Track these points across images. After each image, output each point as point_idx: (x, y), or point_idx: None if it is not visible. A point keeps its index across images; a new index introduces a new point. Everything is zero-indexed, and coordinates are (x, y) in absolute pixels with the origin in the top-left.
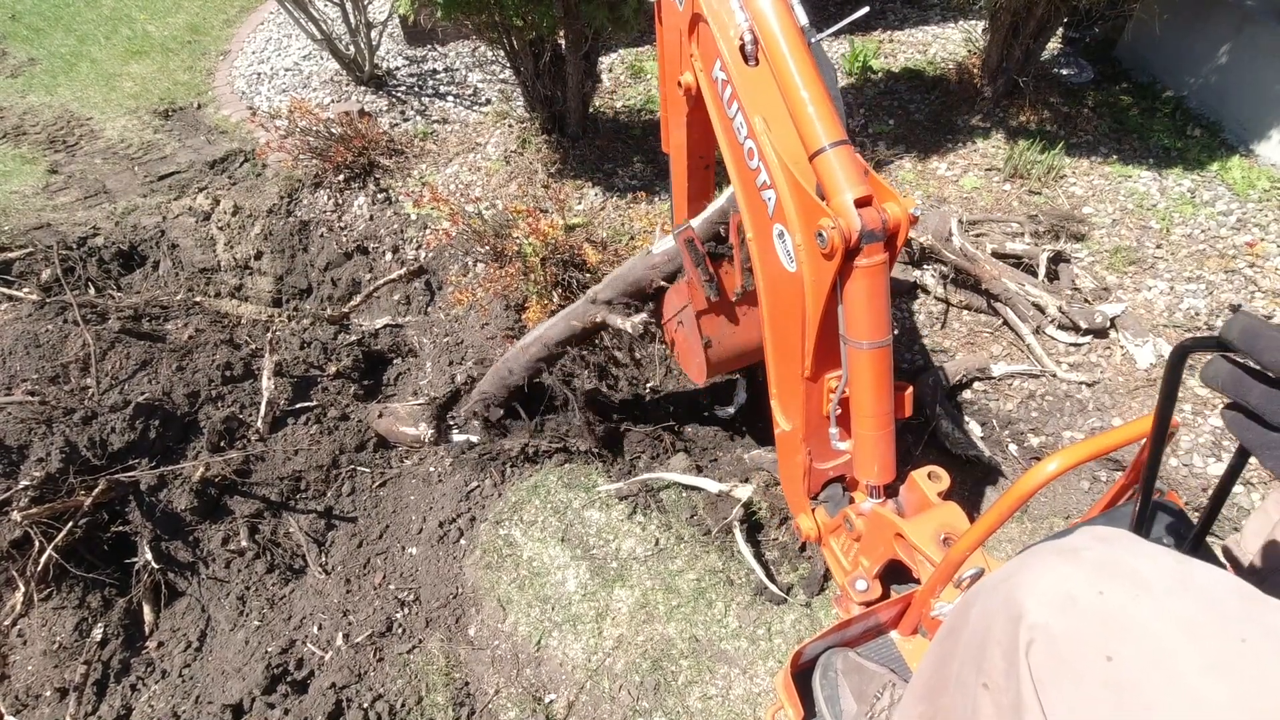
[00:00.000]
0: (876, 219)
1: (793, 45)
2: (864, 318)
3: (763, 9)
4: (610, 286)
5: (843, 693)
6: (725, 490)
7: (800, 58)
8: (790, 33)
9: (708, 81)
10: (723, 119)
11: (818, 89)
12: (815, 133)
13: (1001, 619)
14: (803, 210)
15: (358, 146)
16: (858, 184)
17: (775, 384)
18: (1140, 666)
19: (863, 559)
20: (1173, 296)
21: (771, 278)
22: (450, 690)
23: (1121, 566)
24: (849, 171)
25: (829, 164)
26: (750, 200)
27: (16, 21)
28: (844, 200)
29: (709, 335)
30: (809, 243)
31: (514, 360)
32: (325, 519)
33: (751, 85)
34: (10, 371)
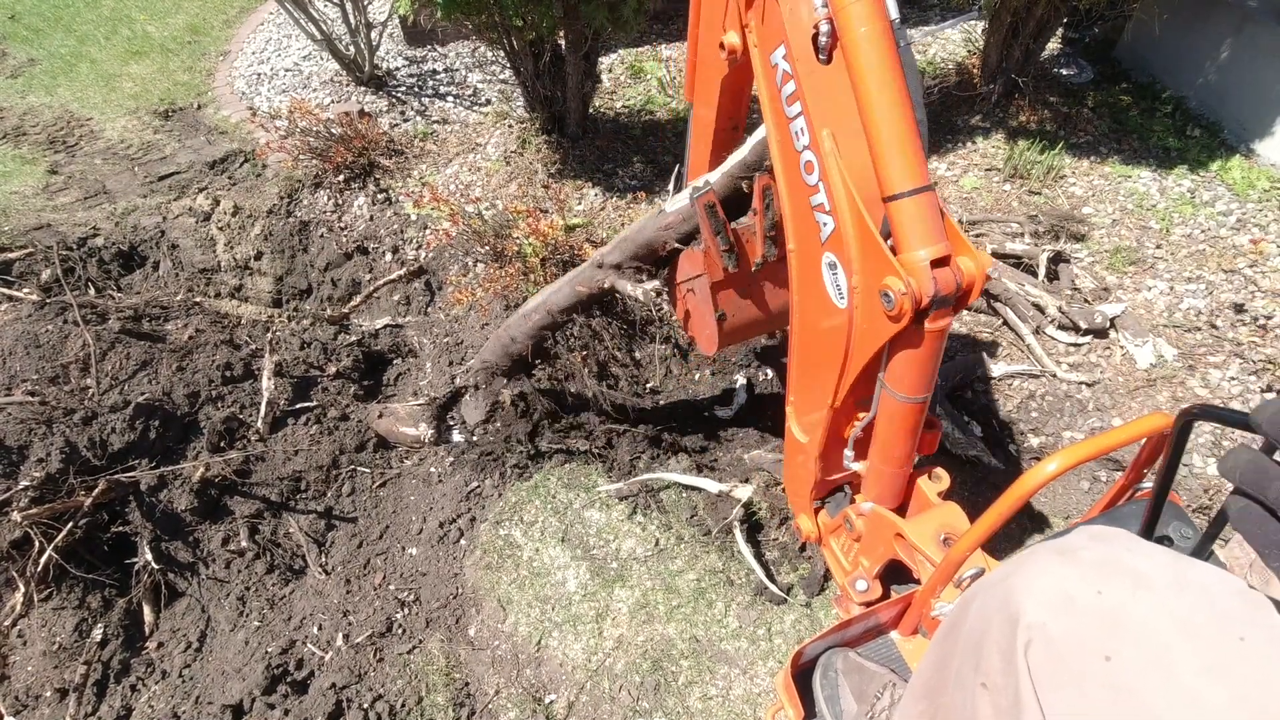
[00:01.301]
0: (952, 282)
1: (880, 51)
2: (912, 376)
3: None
4: (619, 249)
5: (843, 693)
6: (725, 490)
7: (887, 69)
8: (878, 33)
9: (763, 64)
10: (777, 115)
11: (905, 116)
12: (896, 173)
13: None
14: (870, 259)
15: (358, 147)
16: (937, 241)
17: (795, 396)
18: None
19: (863, 559)
20: (1173, 296)
21: (811, 303)
22: (450, 690)
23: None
24: (929, 225)
25: (907, 213)
26: (799, 212)
27: (16, 22)
28: (919, 259)
29: (724, 309)
30: (869, 298)
31: (516, 327)
32: (325, 519)
33: (822, 88)
34: (10, 372)
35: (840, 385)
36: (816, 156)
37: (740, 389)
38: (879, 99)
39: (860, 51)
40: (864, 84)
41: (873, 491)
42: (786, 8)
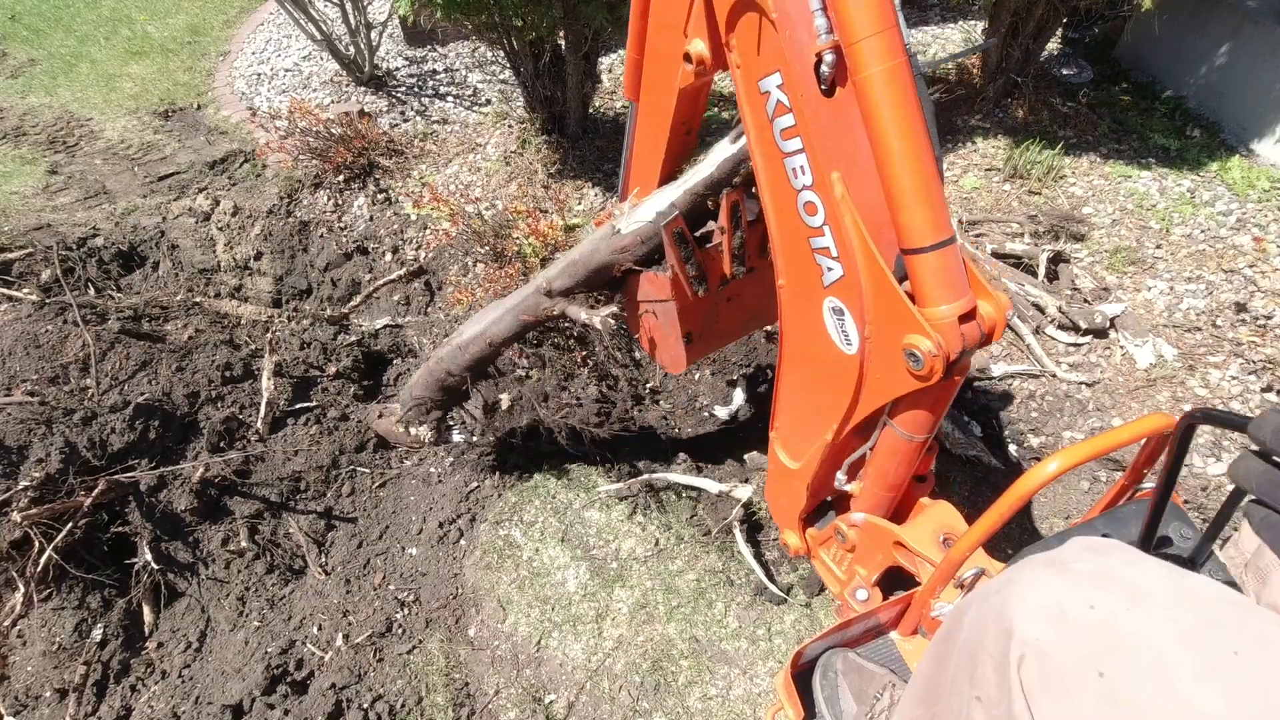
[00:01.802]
0: (977, 334)
1: (899, 91)
2: (922, 419)
3: (857, 16)
4: (567, 273)
5: (843, 693)
6: (725, 491)
7: (907, 112)
8: (896, 71)
9: (749, 89)
10: (766, 146)
11: (927, 164)
12: (920, 228)
13: (993, 631)
14: (891, 316)
15: (358, 147)
16: (962, 295)
17: (782, 423)
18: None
19: (859, 568)
20: (1172, 296)
21: (806, 341)
22: (450, 691)
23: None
24: (955, 279)
25: (932, 268)
26: (793, 251)
27: (16, 22)
28: (946, 315)
29: (691, 329)
30: (887, 352)
31: (450, 360)
32: (325, 519)
33: (829, 125)
34: (10, 372)
35: (844, 425)
36: (822, 200)
37: (739, 389)
38: (900, 146)
39: (877, 92)
40: (882, 128)
41: (865, 506)
42: (786, 33)
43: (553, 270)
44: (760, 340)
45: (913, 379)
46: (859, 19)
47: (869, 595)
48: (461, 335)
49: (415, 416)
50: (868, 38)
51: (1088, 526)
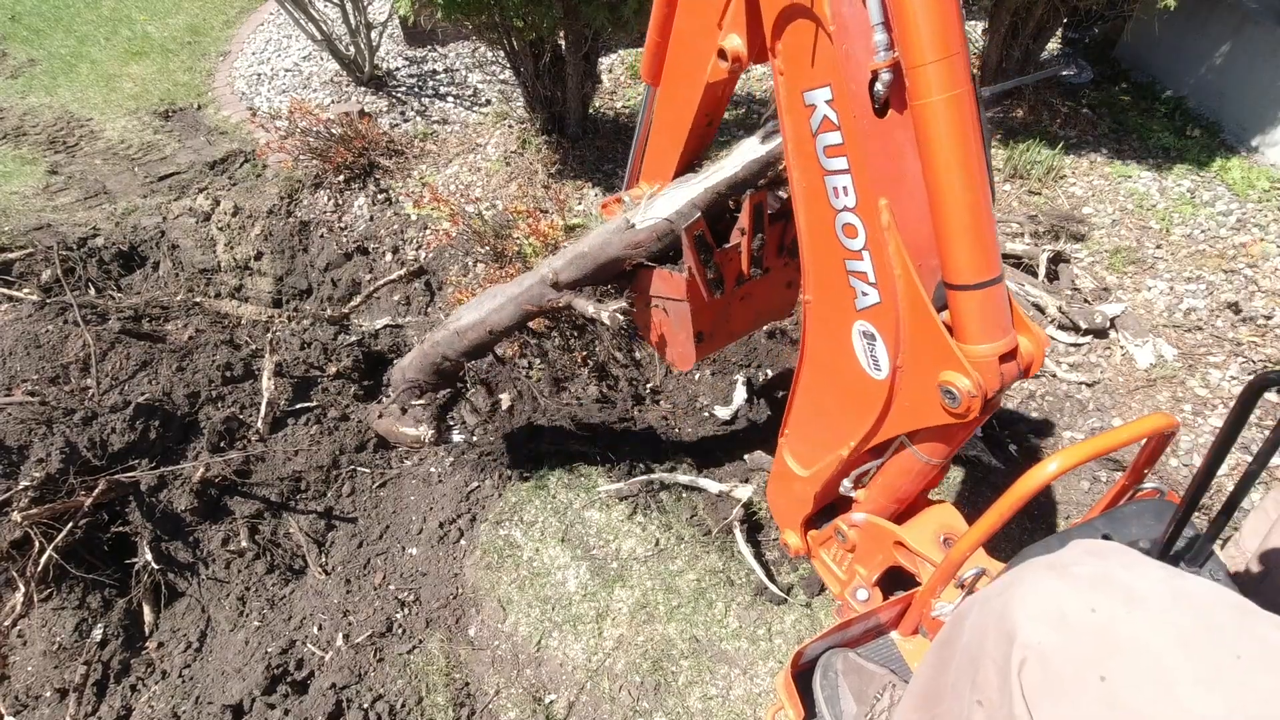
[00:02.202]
0: (1015, 373)
1: (960, 122)
2: (945, 447)
3: (925, 39)
4: (575, 265)
5: (843, 693)
6: (725, 491)
7: (967, 145)
8: (960, 100)
9: (793, 99)
10: (806, 160)
11: (983, 201)
12: (968, 265)
13: (994, 635)
14: (929, 351)
15: (358, 147)
16: (1005, 334)
17: (794, 432)
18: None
19: (859, 568)
20: (1173, 296)
21: (830, 359)
22: (450, 690)
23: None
24: (999, 317)
25: (977, 306)
26: (826, 270)
27: (16, 22)
28: (986, 353)
29: (701, 329)
30: (921, 384)
31: (447, 345)
32: (325, 519)
33: (878, 146)
34: (10, 372)
35: (863, 445)
36: (865, 224)
37: (740, 388)
38: (956, 179)
39: (937, 121)
40: (938, 160)
41: (868, 510)
42: (842, 47)
43: (559, 261)
44: (760, 340)
45: (946, 414)
46: (926, 42)
47: (869, 595)
48: (459, 320)
49: (407, 399)
50: (933, 63)
51: (1088, 527)
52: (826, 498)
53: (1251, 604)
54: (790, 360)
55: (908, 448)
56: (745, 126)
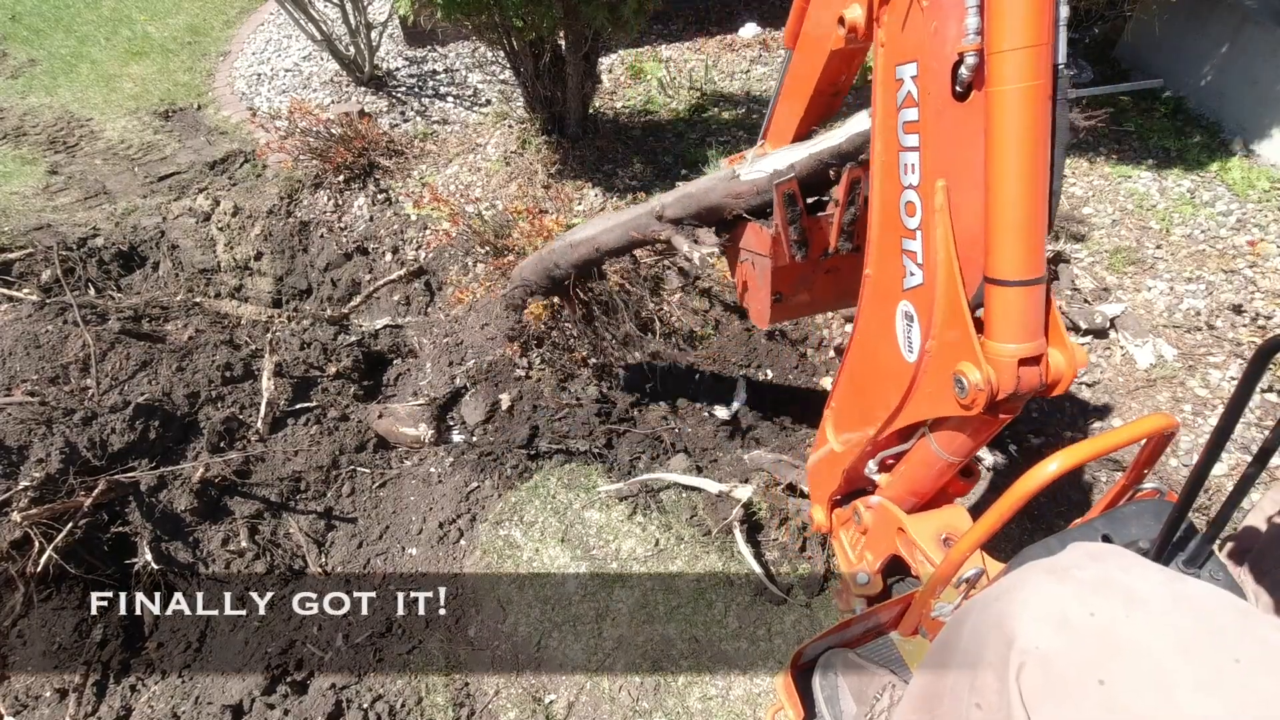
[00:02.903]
0: (1036, 381)
1: (1031, 115)
2: (960, 444)
3: (1010, 24)
4: (681, 204)
5: (843, 693)
6: (725, 491)
7: (1033, 137)
8: (1035, 92)
9: (886, 72)
10: (887, 135)
11: (1037, 197)
12: (1008, 260)
13: (994, 639)
14: (953, 338)
15: (358, 147)
16: (1033, 338)
17: (838, 406)
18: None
19: (867, 553)
20: (1173, 297)
21: (874, 336)
22: (450, 690)
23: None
24: (1029, 320)
25: (1009, 303)
26: (886, 247)
27: (17, 23)
28: (1007, 353)
29: (780, 290)
30: (941, 371)
31: (561, 254)
32: (325, 519)
33: (949, 131)
34: (10, 372)
35: (886, 427)
36: (922, 204)
37: (740, 388)
38: (1013, 171)
39: (1007, 110)
40: (1000, 149)
41: (887, 495)
42: (933, 24)
43: (669, 197)
44: (760, 340)
45: (956, 404)
46: (1012, 27)
47: (869, 580)
48: (574, 235)
49: (519, 296)
50: (1014, 50)
51: (1087, 527)
52: (855, 479)
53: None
54: (790, 361)
55: (927, 438)
56: (745, 126)
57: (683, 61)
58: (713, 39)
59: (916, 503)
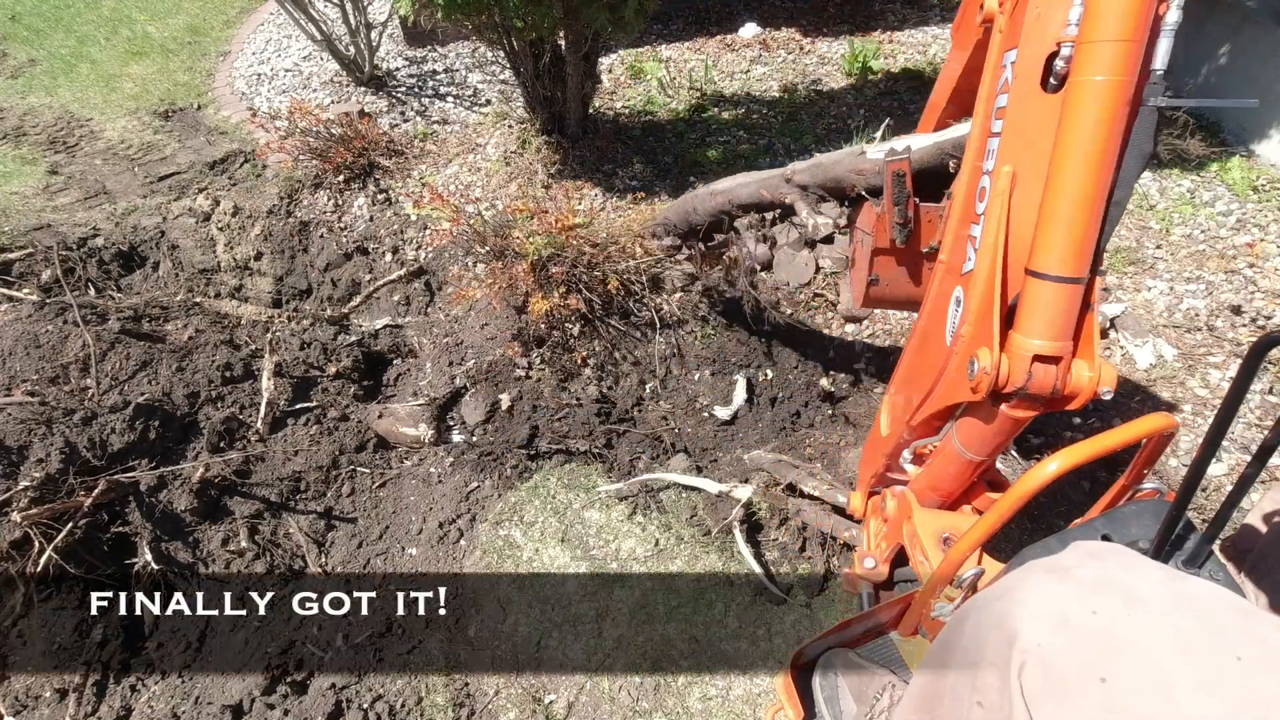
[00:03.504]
0: (1049, 384)
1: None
2: (975, 438)
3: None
4: (810, 171)
5: (843, 693)
6: (725, 491)
7: (1104, 134)
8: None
9: (995, 58)
10: (984, 122)
11: (1093, 196)
12: (1050, 252)
13: (995, 638)
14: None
15: (358, 147)
16: (1057, 339)
17: (894, 389)
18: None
19: (883, 542)
20: (1172, 297)
21: (933, 321)
22: (450, 690)
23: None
24: (1058, 319)
25: (1040, 297)
26: (959, 231)
27: (17, 23)
28: (1025, 345)
29: (879, 274)
30: (965, 356)
31: (700, 201)
32: (325, 519)
33: (1030, 118)
34: (10, 372)
35: (919, 411)
36: (990, 189)
37: (739, 389)
38: (1076, 163)
39: (1084, 100)
40: (1068, 139)
41: (914, 487)
42: (1035, 11)
43: (801, 164)
44: (760, 341)
45: (967, 388)
46: (1104, 17)
47: (875, 565)
48: (716, 185)
49: (661, 233)
50: (1103, 41)
51: (1087, 527)
52: (893, 467)
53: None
54: (789, 361)
55: (951, 432)
56: (745, 126)
57: (683, 61)
58: (713, 39)
59: (938, 501)
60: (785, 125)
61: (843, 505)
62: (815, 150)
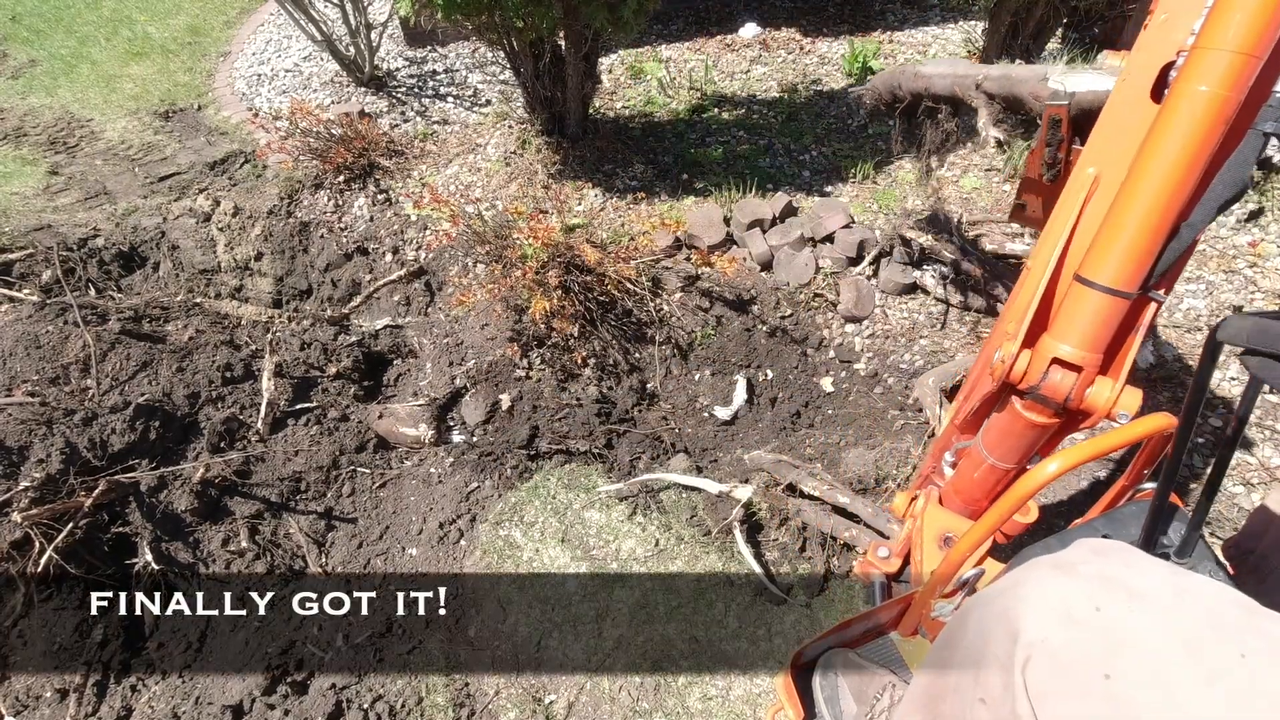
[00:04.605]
0: (1062, 390)
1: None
2: (993, 435)
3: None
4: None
5: (843, 693)
6: (725, 491)
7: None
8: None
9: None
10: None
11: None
12: (1103, 261)
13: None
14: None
15: (358, 148)
16: (1084, 349)
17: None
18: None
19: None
20: (1173, 297)
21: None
22: (450, 690)
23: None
24: (1091, 329)
25: (1081, 303)
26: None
27: (17, 23)
28: (1049, 348)
29: (1024, 198)
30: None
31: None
32: (325, 520)
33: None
34: (11, 372)
35: (962, 406)
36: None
37: (740, 389)
38: (1151, 171)
39: (1179, 109)
40: (1153, 144)
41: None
42: (1162, 14)
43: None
44: (760, 340)
45: (989, 375)
46: (1225, 28)
47: (889, 554)
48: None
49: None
50: (1217, 50)
51: (1088, 527)
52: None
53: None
54: (790, 361)
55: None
56: (745, 126)
57: (683, 61)
58: (713, 39)
59: (961, 507)
60: (785, 125)
61: (843, 505)
62: (815, 150)
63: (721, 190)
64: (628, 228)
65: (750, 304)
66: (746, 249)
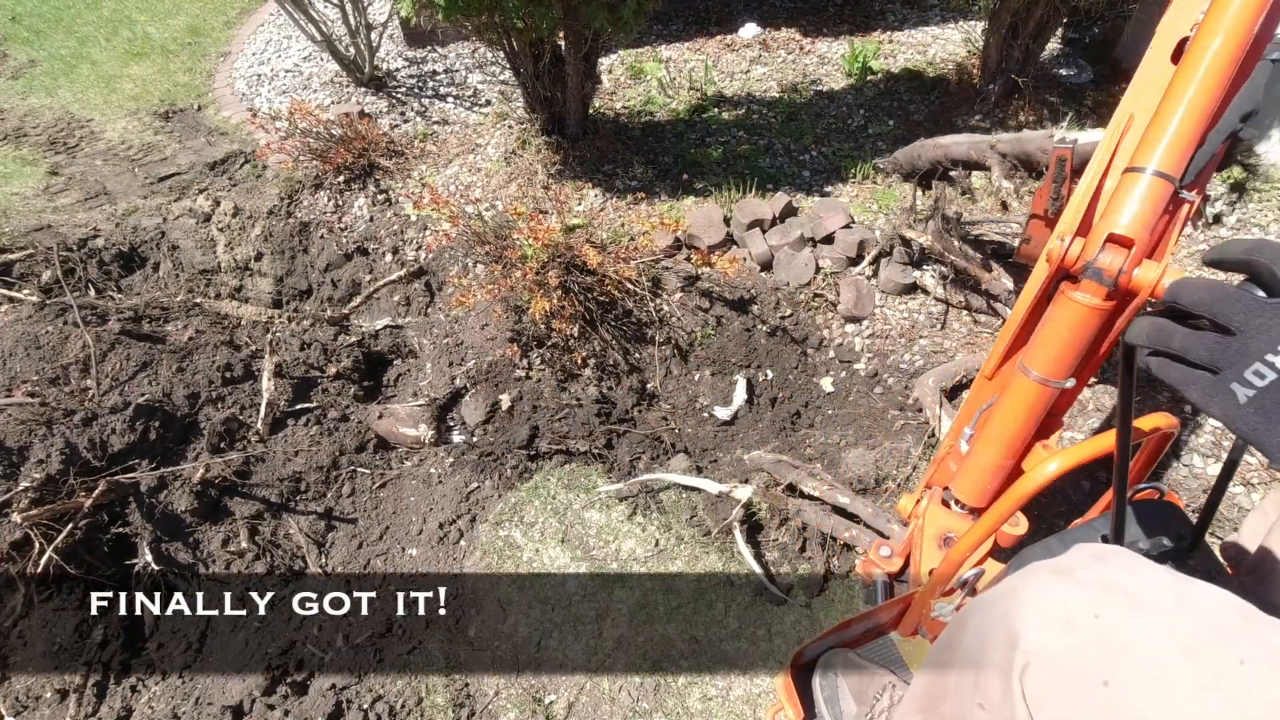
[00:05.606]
0: (1114, 265)
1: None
2: (1038, 341)
3: None
4: (1010, 143)
5: (843, 694)
6: (725, 491)
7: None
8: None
9: None
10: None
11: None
12: (1152, 149)
13: (997, 639)
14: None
15: (358, 148)
16: (1132, 223)
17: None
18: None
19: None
20: None
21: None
22: (450, 691)
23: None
24: (1139, 208)
25: (1128, 186)
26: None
27: (17, 23)
28: (1103, 228)
29: (1030, 235)
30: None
31: (926, 149)
32: (325, 520)
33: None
34: (10, 373)
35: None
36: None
37: (740, 389)
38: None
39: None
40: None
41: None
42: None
43: (1006, 136)
44: (760, 340)
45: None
46: None
47: (891, 553)
48: (939, 140)
49: (890, 168)
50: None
51: (1088, 527)
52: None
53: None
54: (790, 361)
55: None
56: (745, 127)
57: (683, 62)
58: (713, 39)
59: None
60: (785, 125)
61: (843, 505)
62: (815, 150)
63: (721, 190)
64: (628, 228)
65: (750, 304)
66: (746, 249)
